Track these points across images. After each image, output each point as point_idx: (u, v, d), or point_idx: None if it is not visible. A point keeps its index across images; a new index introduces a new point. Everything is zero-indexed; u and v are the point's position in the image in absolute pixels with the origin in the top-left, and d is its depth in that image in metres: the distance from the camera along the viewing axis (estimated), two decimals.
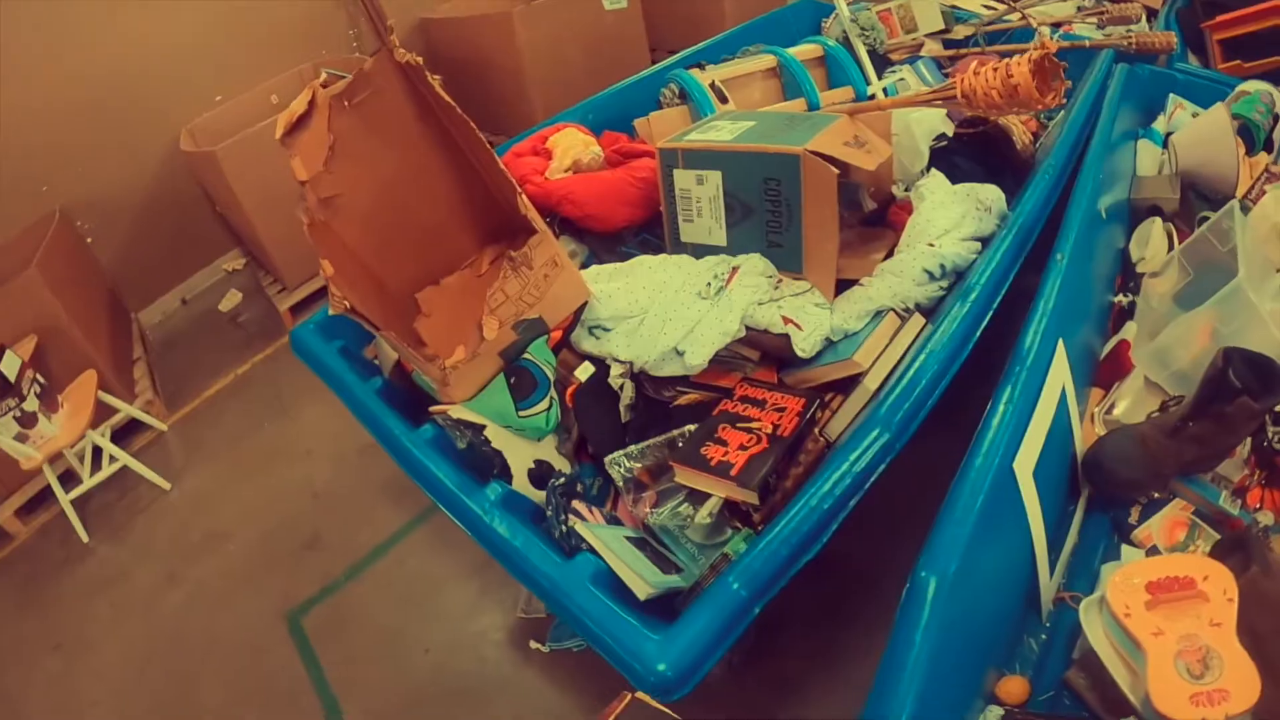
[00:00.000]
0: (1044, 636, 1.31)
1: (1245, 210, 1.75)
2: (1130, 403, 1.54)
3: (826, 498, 1.15)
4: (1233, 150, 1.88)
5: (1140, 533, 1.41)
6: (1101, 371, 1.69)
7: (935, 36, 2.68)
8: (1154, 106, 2.22)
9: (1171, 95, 2.23)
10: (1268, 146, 2.11)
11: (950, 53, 2.60)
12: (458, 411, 1.49)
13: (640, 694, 1.01)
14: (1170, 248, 1.82)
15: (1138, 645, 1.12)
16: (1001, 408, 1.22)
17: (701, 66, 2.24)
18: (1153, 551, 1.38)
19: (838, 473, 1.17)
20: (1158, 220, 1.84)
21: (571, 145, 2.12)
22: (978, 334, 1.41)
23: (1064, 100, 1.41)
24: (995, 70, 1.37)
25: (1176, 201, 1.90)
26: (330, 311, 1.44)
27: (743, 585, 1.08)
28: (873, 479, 1.20)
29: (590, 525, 1.34)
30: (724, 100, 2.10)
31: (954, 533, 1.06)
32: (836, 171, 1.47)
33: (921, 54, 2.58)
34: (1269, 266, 1.72)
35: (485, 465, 1.44)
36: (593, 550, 1.26)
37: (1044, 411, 1.27)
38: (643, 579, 1.21)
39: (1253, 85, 2.16)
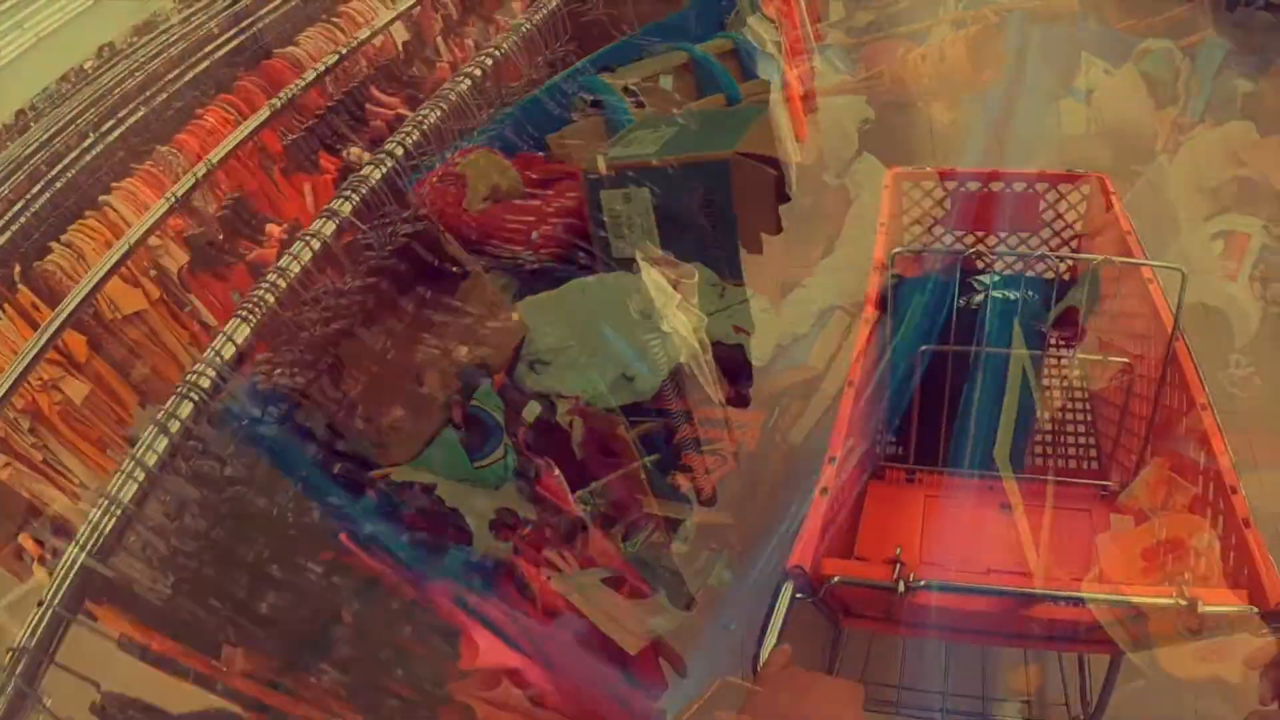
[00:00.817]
0: None
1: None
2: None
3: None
4: (1149, 107, 1.91)
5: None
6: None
7: (838, 25, 2.65)
8: (1070, 66, 2.23)
9: (1084, 54, 2.25)
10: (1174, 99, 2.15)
11: (854, 40, 2.57)
12: (401, 474, 1.39)
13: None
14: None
15: None
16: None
17: (611, 70, 2.13)
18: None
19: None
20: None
21: (486, 172, 2.00)
22: (940, 323, 1.36)
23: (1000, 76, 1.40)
24: (924, 58, 1.36)
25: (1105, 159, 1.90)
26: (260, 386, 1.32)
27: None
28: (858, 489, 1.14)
29: (567, 577, 1.30)
30: (640, 105, 2.00)
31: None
32: (773, 173, 1.42)
33: (827, 42, 2.54)
34: (1197, 215, 1.73)
35: (440, 528, 1.36)
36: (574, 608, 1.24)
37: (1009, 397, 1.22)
38: (631, 634, 1.21)
39: (1154, 44, 2.20)
